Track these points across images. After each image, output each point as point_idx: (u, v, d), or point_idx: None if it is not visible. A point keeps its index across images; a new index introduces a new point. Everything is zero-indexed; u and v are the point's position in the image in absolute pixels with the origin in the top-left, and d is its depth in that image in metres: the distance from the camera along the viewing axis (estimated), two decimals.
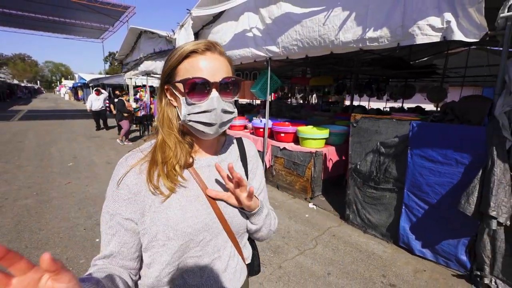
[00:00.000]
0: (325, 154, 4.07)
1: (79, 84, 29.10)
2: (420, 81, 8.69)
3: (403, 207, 2.79)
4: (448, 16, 2.29)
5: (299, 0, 3.56)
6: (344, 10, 3.03)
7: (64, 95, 41.89)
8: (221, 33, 5.29)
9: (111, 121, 10.75)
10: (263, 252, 2.71)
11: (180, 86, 0.67)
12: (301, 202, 4.00)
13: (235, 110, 0.75)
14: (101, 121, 10.60)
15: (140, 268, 0.72)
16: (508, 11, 1.98)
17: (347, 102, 14.09)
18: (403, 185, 2.76)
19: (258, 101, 12.11)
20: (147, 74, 9.57)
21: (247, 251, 0.87)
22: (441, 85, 7.57)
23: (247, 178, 0.87)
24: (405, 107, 9.00)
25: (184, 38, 5.81)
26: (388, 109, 8.70)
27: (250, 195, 0.70)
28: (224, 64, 0.70)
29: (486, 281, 2.25)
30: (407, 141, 2.66)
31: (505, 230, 2.15)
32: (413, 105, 8.99)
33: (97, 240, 2.84)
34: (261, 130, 4.74)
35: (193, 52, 0.67)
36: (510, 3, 1.97)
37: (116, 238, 0.66)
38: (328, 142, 4.30)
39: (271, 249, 2.77)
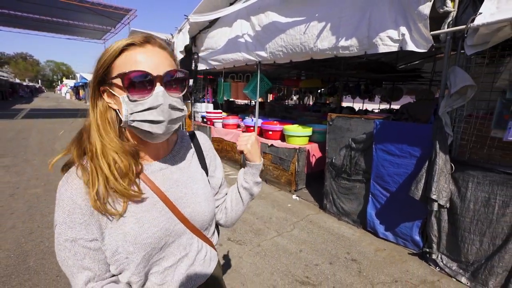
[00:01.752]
0: (308, 150, 4.45)
1: (80, 84, 29.54)
2: (409, 84, 9.07)
3: (370, 195, 3.16)
4: (403, 29, 2.68)
5: (284, 11, 3.94)
6: (321, 21, 3.41)
7: (65, 94, 42.35)
8: (216, 38, 5.68)
9: None
10: (246, 234, 3.08)
11: (119, 82, 0.61)
12: (286, 194, 4.38)
13: (184, 107, 0.70)
14: None
15: None
16: (447, 28, 2.36)
17: (345, 104, 14.53)
18: (370, 176, 3.14)
19: (254, 102, 12.48)
20: None
21: (215, 238, 0.89)
22: (429, 88, 7.96)
23: (207, 171, 0.87)
24: (394, 109, 9.38)
25: (182, 41, 6.19)
26: (378, 110, 9.09)
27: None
28: (166, 57, 0.66)
29: (434, 256, 2.62)
30: (372, 137, 3.03)
31: (448, 213, 2.52)
32: None
33: None
34: (252, 128, 5.11)
35: (130, 45, 0.62)
36: (448, 21, 2.35)
37: (87, 260, 0.63)
38: (312, 139, 4.67)
39: (253, 232, 3.15)
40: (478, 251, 2.35)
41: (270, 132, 4.81)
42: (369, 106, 14.03)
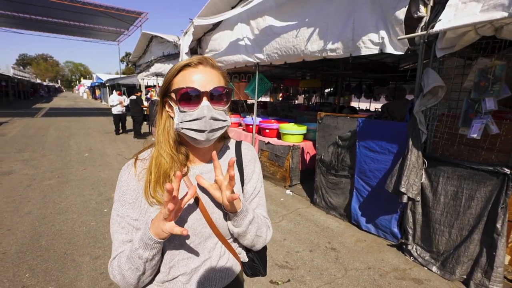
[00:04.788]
0: (302, 148, 4.64)
1: (96, 84, 30.65)
2: (411, 83, 9.06)
3: (354, 190, 3.33)
4: (383, 33, 2.84)
5: (278, 15, 4.15)
6: (310, 25, 3.60)
7: (82, 94, 43.93)
8: (219, 40, 5.95)
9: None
10: None
11: (174, 96, 0.72)
12: (280, 189, 4.59)
13: (228, 119, 0.77)
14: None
15: None
16: (421, 31, 2.52)
17: (353, 103, 14.56)
18: (354, 171, 3.31)
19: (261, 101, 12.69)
20: (157, 75, 10.39)
21: (242, 251, 0.91)
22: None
23: (243, 183, 0.88)
24: None
25: (187, 43, 6.50)
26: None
27: (231, 199, 0.71)
28: (215, 76, 0.74)
29: (410, 247, 2.77)
30: (356, 135, 3.21)
31: (422, 206, 2.67)
32: None
33: (105, 210, 3.54)
34: (251, 126, 5.35)
35: (187, 65, 0.73)
36: (421, 25, 2.51)
37: (129, 237, 0.73)
38: (307, 137, 4.86)
39: None
40: (447, 242, 2.50)
41: (267, 130, 5.03)
42: (377, 106, 14.00)
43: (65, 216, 3.34)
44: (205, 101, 0.71)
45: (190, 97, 0.70)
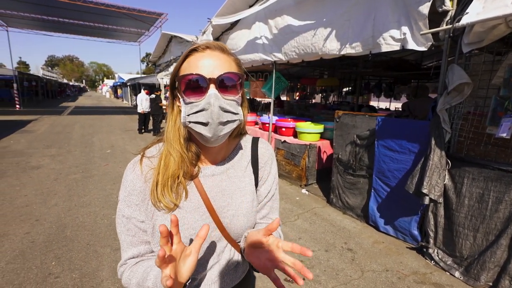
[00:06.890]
0: (319, 146, 4.58)
1: (118, 83, 31.75)
2: (435, 82, 8.70)
3: (372, 190, 3.25)
4: (405, 29, 2.75)
5: (297, 14, 4.12)
6: (329, 23, 3.55)
7: (105, 93, 45.66)
8: (237, 39, 5.98)
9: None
10: None
11: (179, 85, 0.65)
12: (296, 188, 4.55)
13: (240, 112, 0.68)
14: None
15: None
16: (446, 25, 2.41)
17: (372, 103, 14.22)
18: (372, 171, 3.23)
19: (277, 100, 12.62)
20: None
21: None
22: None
23: (257, 185, 0.82)
24: None
25: None
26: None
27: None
28: (225, 61, 0.66)
29: (430, 251, 2.67)
30: (375, 134, 3.12)
31: (444, 208, 2.56)
32: None
33: None
34: (267, 125, 5.35)
35: (193, 51, 0.66)
36: (447, 19, 2.40)
37: (137, 239, 0.70)
38: (324, 136, 4.80)
39: None
40: (472, 246, 2.38)
41: (284, 129, 5.00)
42: (397, 105, 13.58)
43: (88, 209, 3.49)
44: (212, 89, 0.62)
45: (195, 86, 0.62)
